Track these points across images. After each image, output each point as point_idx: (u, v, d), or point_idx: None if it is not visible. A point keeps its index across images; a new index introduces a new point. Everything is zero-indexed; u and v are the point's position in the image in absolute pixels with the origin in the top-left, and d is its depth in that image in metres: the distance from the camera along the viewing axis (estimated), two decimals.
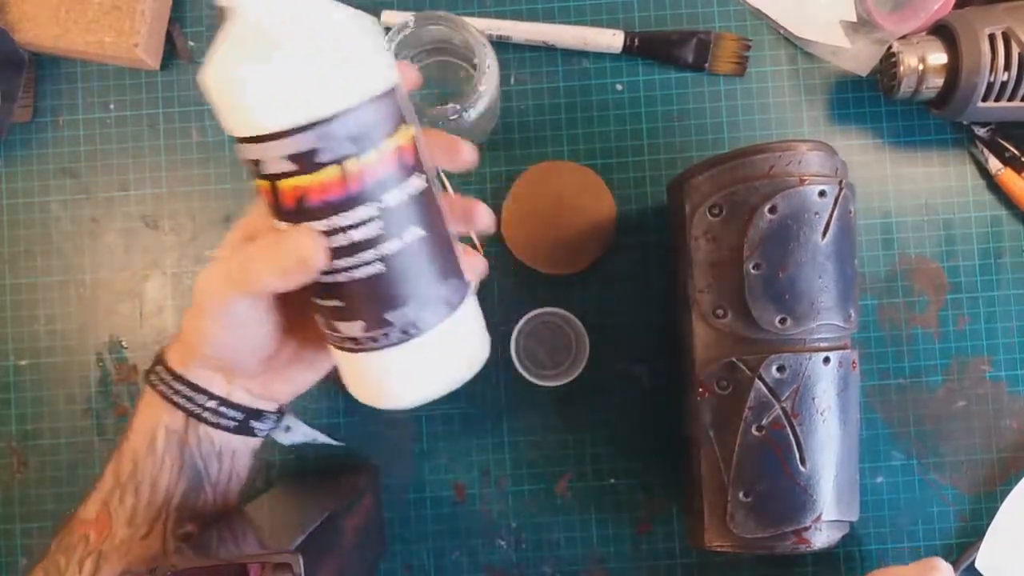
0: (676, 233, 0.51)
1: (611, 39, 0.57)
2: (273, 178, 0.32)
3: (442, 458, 0.58)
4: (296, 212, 0.32)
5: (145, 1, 0.56)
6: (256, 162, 0.32)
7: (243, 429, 0.42)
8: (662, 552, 0.57)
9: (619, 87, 0.58)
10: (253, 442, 0.44)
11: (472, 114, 0.50)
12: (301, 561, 0.37)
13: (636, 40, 0.57)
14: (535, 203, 0.57)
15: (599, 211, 0.57)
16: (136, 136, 0.59)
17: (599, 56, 0.58)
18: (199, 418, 0.41)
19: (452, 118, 0.49)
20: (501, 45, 0.58)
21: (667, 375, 0.57)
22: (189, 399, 0.41)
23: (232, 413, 0.42)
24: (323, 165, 0.31)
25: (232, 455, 0.43)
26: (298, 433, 0.48)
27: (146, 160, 0.59)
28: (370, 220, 0.32)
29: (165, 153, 0.59)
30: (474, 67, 0.49)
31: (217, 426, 0.41)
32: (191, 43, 0.59)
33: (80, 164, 0.59)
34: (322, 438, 0.53)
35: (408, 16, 0.49)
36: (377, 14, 0.58)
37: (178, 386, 0.41)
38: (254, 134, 0.32)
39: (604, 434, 0.57)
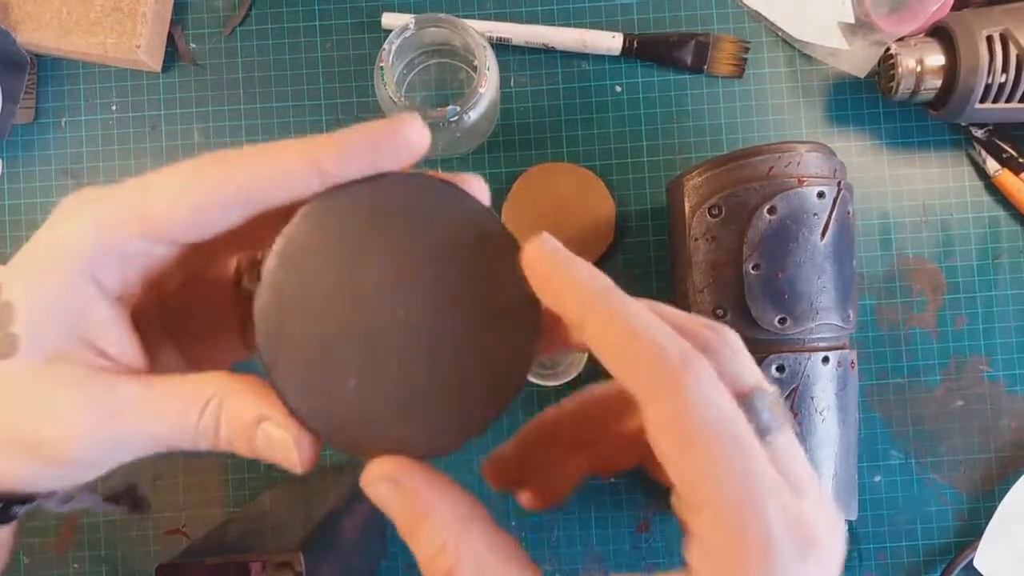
0: (675, 234, 0.52)
1: (610, 41, 0.57)
2: None
3: (442, 457, 0.58)
4: None
5: (147, 3, 0.56)
6: None
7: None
8: (661, 551, 0.57)
9: (618, 89, 0.59)
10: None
11: (472, 116, 0.50)
12: (302, 559, 0.37)
13: (635, 42, 0.57)
14: (535, 204, 0.57)
15: (599, 212, 0.57)
16: (138, 137, 0.59)
17: (598, 58, 0.59)
18: None
19: (452, 120, 0.49)
20: (501, 47, 0.58)
21: None
22: None
23: None
24: None
25: None
26: (80, 503, 0.31)
27: (148, 161, 0.59)
28: None
29: (167, 154, 0.59)
30: (474, 69, 0.50)
31: None
32: (193, 45, 0.59)
33: (82, 165, 0.59)
34: (106, 508, 0.36)
35: (408, 18, 0.50)
36: (378, 16, 0.58)
37: None
38: None
39: None
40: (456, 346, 0.24)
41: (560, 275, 0.23)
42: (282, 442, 0.24)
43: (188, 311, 0.29)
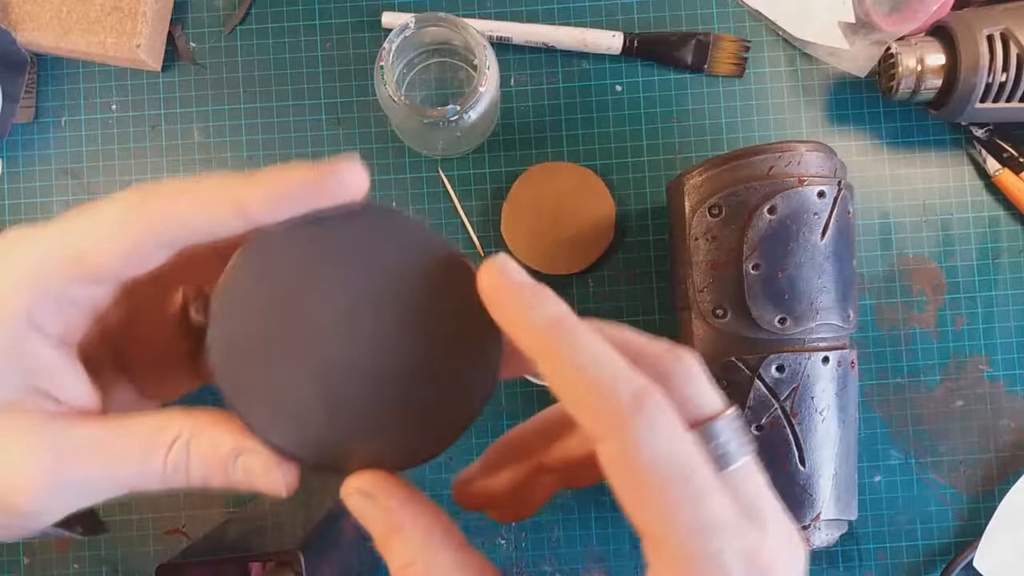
0: (676, 233, 0.52)
1: (610, 40, 0.57)
2: None
3: (442, 457, 0.58)
4: None
5: (147, 2, 0.56)
6: None
7: None
8: None
9: (618, 88, 0.59)
10: None
11: (472, 115, 0.50)
12: (302, 559, 0.37)
13: (635, 41, 0.57)
14: (535, 204, 0.57)
15: (599, 211, 0.57)
16: (138, 137, 0.59)
17: (598, 57, 0.59)
18: None
19: (452, 119, 0.49)
20: (501, 46, 0.58)
21: None
22: None
23: None
24: None
25: None
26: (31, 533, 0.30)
27: (148, 161, 0.59)
28: None
29: (167, 154, 0.59)
30: (474, 68, 0.50)
31: None
32: (192, 44, 0.59)
33: (82, 164, 0.59)
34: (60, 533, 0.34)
35: (408, 17, 0.49)
36: (378, 15, 0.58)
37: None
38: None
39: None
40: (417, 364, 0.24)
41: (511, 304, 0.23)
42: (264, 468, 0.24)
43: (136, 345, 0.29)
